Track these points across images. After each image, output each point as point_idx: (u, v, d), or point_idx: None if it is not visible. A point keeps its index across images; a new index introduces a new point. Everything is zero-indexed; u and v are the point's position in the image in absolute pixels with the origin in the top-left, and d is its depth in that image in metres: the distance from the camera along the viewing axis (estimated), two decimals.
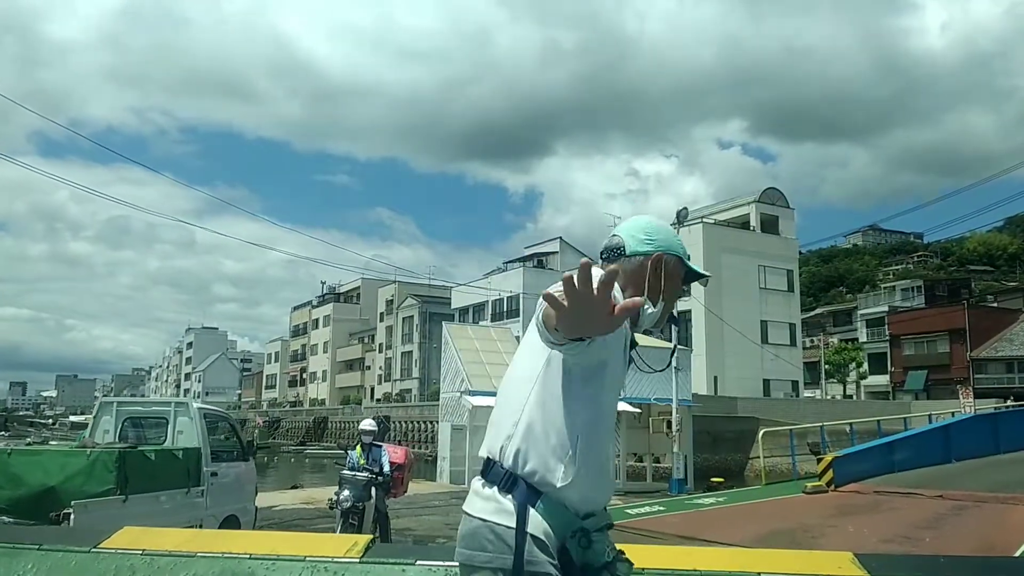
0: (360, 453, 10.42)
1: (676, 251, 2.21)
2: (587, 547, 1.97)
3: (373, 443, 10.56)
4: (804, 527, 12.41)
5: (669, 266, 2.18)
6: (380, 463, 10.23)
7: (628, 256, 2.20)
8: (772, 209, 50.10)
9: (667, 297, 2.17)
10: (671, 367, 21.19)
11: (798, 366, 48.59)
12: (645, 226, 2.25)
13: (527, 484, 1.98)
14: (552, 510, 1.97)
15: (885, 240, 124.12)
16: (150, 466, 7.71)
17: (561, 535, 1.96)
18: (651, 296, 2.15)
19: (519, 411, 2.04)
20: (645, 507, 15.03)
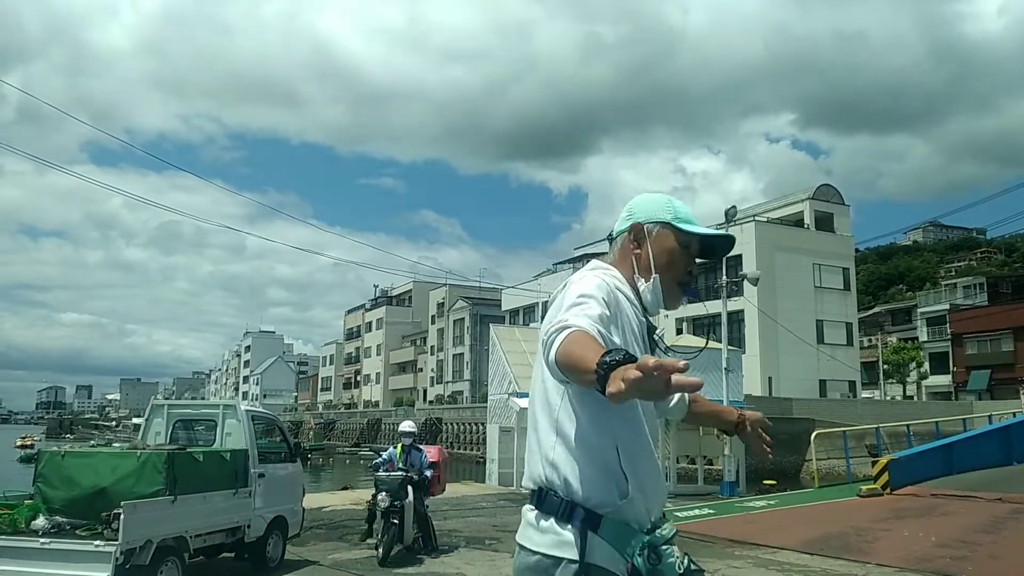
0: (400, 453, 10.46)
1: (659, 218, 2.11)
2: (656, 563, 1.86)
3: (413, 445, 10.60)
4: (857, 531, 12.14)
5: (652, 235, 2.10)
6: (419, 465, 10.26)
7: (614, 239, 2.17)
8: (826, 206, 49.25)
9: (660, 268, 2.08)
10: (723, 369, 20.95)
11: (855, 366, 47.67)
12: (629, 204, 2.20)
13: (585, 510, 1.88)
14: (616, 532, 1.88)
15: (946, 236, 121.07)
16: (198, 467, 7.85)
17: (630, 555, 1.87)
18: (641, 272, 2.08)
19: (552, 434, 1.95)
20: (695, 510, 14.86)
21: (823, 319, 46.02)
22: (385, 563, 9.45)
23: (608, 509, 1.88)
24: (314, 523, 12.63)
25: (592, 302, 1.89)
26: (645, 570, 1.85)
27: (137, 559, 6.90)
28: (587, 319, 1.79)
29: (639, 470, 1.91)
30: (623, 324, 1.99)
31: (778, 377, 42.69)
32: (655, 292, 2.07)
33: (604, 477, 1.89)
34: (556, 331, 1.74)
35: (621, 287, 2.06)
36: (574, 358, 1.64)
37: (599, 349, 1.59)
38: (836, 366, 45.27)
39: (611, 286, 2.00)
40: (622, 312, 2.00)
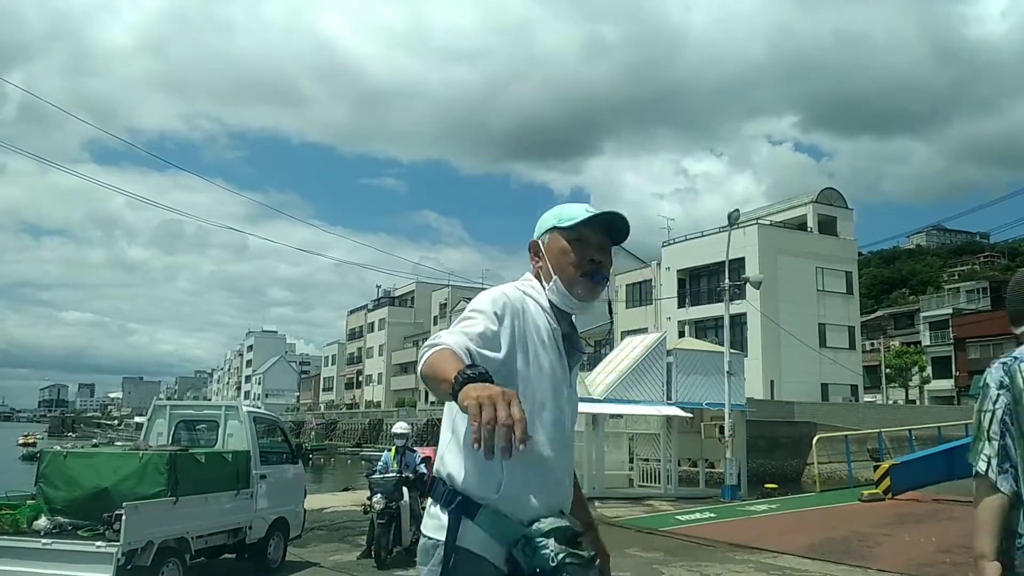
0: (394, 456, 10.47)
1: (548, 227, 2.23)
2: (532, 555, 1.95)
3: (407, 447, 10.60)
4: (859, 535, 12.14)
5: (545, 244, 2.22)
6: (414, 467, 10.27)
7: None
8: (830, 210, 49.12)
9: (558, 269, 2.17)
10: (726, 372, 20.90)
11: (857, 370, 47.58)
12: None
13: (465, 498, 2.01)
14: (492, 521, 1.99)
15: (950, 240, 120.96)
16: (200, 468, 7.86)
17: (505, 545, 1.98)
18: (545, 280, 2.20)
19: (448, 432, 2.11)
20: (696, 513, 14.86)
21: (825, 323, 45.92)
22: (384, 565, 9.45)
23: (486, 500, 1.99)
24: (315, 524, 12.64)
25: (479, 317, 2.02)
26: (522, 560, 1.96)
27: (138, 560, 6.92)
28: (462, 336, 1.93)
29: (522, 469, 1.99)
30: (525, 330, 2.09)
31: (780, 380, 42.64)
32: (557, 292, 2.17)
33: (482, 472, 1.99)
34: (427, 347, 1.90)
35: (532, 295, 2.18)
36: (435, 371, 1.79)
37: (459, 365, 1.74)
38: (838, 370, 45.18)
39: (512, 297, 2.11)
40: (526, 320, 2.10)
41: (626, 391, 20.42)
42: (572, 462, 2.27)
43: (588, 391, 20.48)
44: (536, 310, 2.14)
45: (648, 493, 20.44)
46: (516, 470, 2.00)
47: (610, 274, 2.27)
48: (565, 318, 2.22)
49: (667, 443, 21.01)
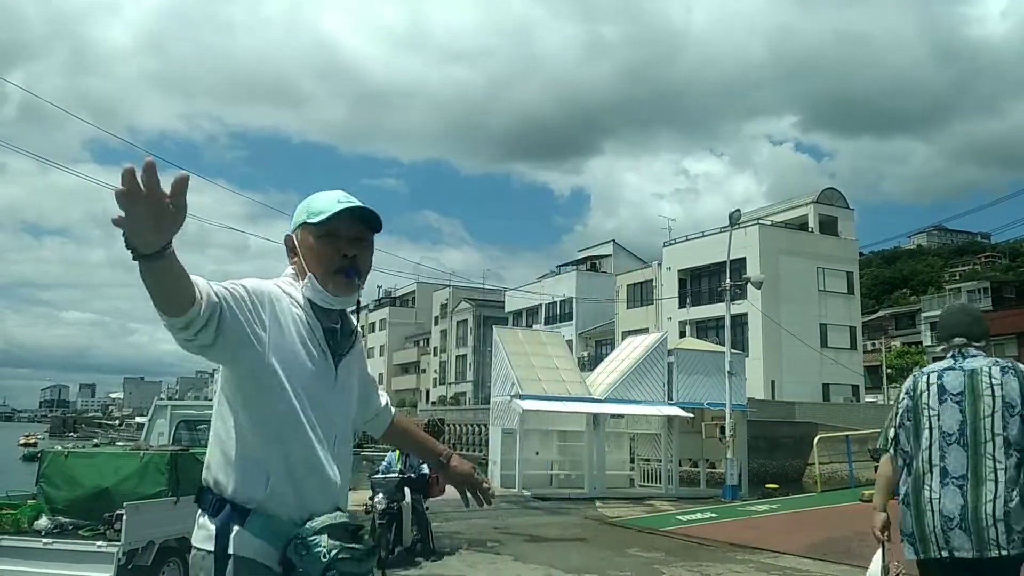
0: (398, 457, 10.48)
1: (299, 223, 2.21)
2: (305, 553, 1.95)
3: None
4: (859, 535, 12.09)
5: (298, 239, 2.20)
6: (417, 468, 10.27)
7: None
8: (831, 210, 49.15)
9: (312, 266, 2.15)
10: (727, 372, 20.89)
11: (858, 370, 47.61)
12: None
13: (232, 505, 1.99)
14: (262, 525, 1.98)
15: (951, 240, 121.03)
16: (200, 468, 7.84)
17: (279, 546, 1.97)
18: (301, 276, 2.18)
19: (212, 437, 2.09)
20: (697, 514, 14.85)
21: (827, 323, 45.96)
22: (384, 565, 9.46)
23: (254, 504, 1.98)
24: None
25: (241, 289, 1.98)
26: (296, 560, 1.95)
27: (139, 560, 6.92)
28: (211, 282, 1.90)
29: (290, 467, 2.01)
30: (282, 325, 2.05)
31: (781, 381, 42.65)
32: (312, 289, 2.14)
33: (249, 474, 1.99)
34: None
35: (290, 292, 2.15)
36: None
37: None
38: (839, 370, 45.21)
39: (266, 288, 2.08)
40: (280, 310, 2.07)
41: (627, 391, 20.42)
42: (349, 458, 2.25)
43: (589, 391, 20.51)
44: (293, 306, 2.11)
45: (649, 493, 20.44)
46: (283, 469, 2.00)
47: (370, 265, 2.25)
48: (329, 314, 2.18)
49: (668, 443, 21.00)
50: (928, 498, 3.42)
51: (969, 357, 3.53)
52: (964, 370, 3.48)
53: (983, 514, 3.29)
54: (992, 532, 3.27)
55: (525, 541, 12.14)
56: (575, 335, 55.90)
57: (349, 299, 2.20)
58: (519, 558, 10.61)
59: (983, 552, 3.29)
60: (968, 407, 3.41)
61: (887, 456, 3.68)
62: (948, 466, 3.39)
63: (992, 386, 3.40)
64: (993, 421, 3.36)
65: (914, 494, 3.50)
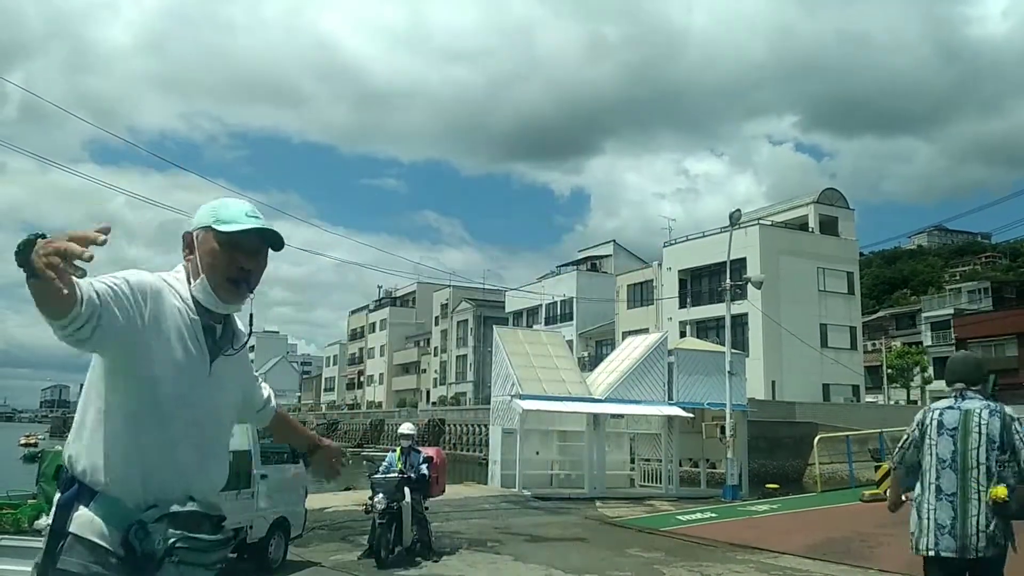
0: (399, 457, 10.49)
1: (203, 223, 2.24)
2: (144, 538, 2.00)
3: (412, 447, 10.62)
4: (860, 536, 12.11)
5: (199, 240, 2.23)
6: (417, 468, 10.29)
7: None
8: (831, 210, 49.15)
9: (206, 269, 2.19)
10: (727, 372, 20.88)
11: (859, 370, 47.59)
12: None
13: (81, 484, 2.05)
14: (106, 507, 2.03)
15: (951, 240, 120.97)
16: None
17: (121, 529, 2.01)
18: (194, 275, 2.22)
19: (76, 414, 2.16)
20: (697, 513, 14.86)
21: (827, 323, 45.94)
22: (384, 565, 9.46)
23: (100, 486, 2.03)
24: (316, 524, 12.65)
25: (121, 282, 2.02)
26: (136, 545, 2.00)
27: None
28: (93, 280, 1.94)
29: (141, 453, 2.05)
30: (159, 316, 2.10)
31: (781, 381, 42.63)
32: (202, 291, 2.19)
33: (99, 457, 2.04)
34: None
35: (175, 286, 2.20)
36: None
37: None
38: (840, 370, 45.18)
39: (148, 281, 2.12)
40: (160, 304, 2.11)
41: (627, 391, 20.43)
42: (221, 451, 2.29)
43: (589, 391, 20.51)
44: (175, 300, 2.16)
45: (649, 493, 20.45)
46: (133, 455, 2.05)
47: (260, 278, 2.29)
48: (212, 313, 2.23)
49: (668, 443, 21.00)
50: (927, 509, 4.38)
51: (967, 399, 4.43)
52: (961, 409, 4.40)
53: (969, 525, 4.21)
54: (974, 540, 4.19)
55: (525, 541, 12.15)
56: (575, 335, 55.88)
57: (235, 306, 2.27)
58: (519, 558, 10.62)
59: (964, 554, 4.21)
60: (960, 440, 4.32)
61: (901, 469, 4.82)
62: (943, 485, 4.32)
63: (980, 424, 4.32)
64: (978, 453, 4.28)
65: (917, 505, 4.49)
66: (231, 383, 2.31)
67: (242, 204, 2.29)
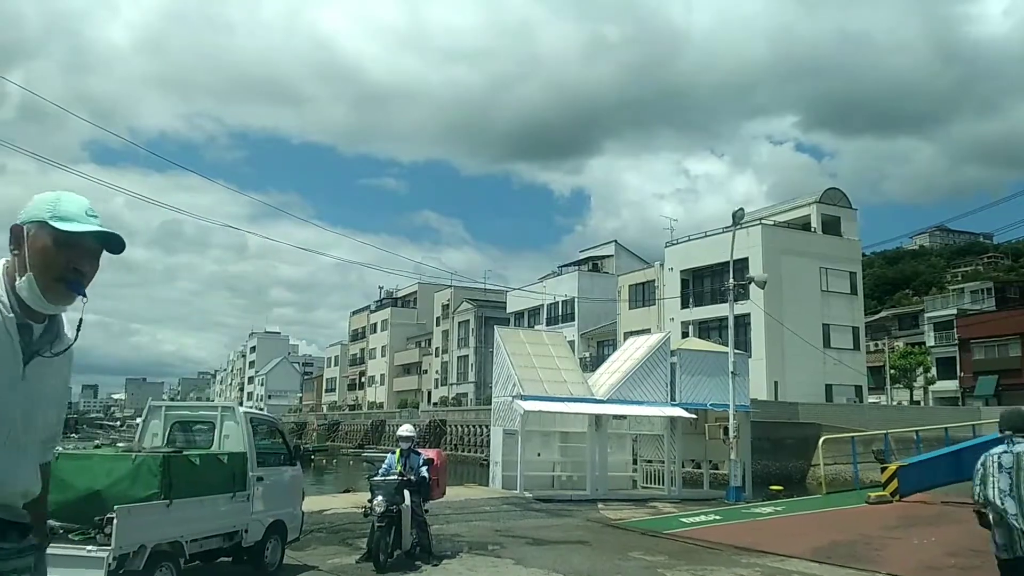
0: (398, 459, 10.32)
1: (38, 217, 2.09)
2: None
3: (412, 449, 10.44)
4: (866, 539, 11.95)
5: (30, 234, 2.07)
6: (417, 470, 10.12)
7: None
8: (833, 209, 48.93)
9: (36, 267, 2.05)
10: (730, 373, 20.69)
11: (861, 371, 47.39)
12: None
13: None
14: None
15: (953, 241, 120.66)
16: (195, 471, 7.70)
17: None
18: (20, 270, 2.07)
19: None
20: (700, 516, 14.69)
21: (829, 323, 45.75)
22: (383, 569, 9.28)
23: None
24: (315, 527, 12.49)
25: None
26: None
27: (131, 564, 6.76)
28: None
29: None
30: None
31: (784, 381, 42.44)
32: (28, 289, 2.05)
33: None
34: None
35: None
36: None
37: None
38: (842, 370, 45.03)
39: None
40: None
41: (629, 392, 20.27)
42: (32, 458, 2.15)
43: (591, 392, 20.35)
44: None
45: (652, 495, 20.28)
46: None
47: (92, 281, 2.14)
48: (33, 312, 2.09)
49: (671, 444, 20.83)
50: (1007, 525, 5.68)
51: (1017, 443, 5.79)
52: (1013, 453, 5.77)
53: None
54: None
55: (527, 544, 11.98)
56: (577, 336, 55.73)
57: (61, 308, 2.14)
58: (520, 561, 10.45)
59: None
60: (1015, 475, 5.69)
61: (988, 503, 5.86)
62: (1008, 509, 5.66)
63: None
64: None
65: (997, 522, 5.79)
66: (50, 387, 2.18)
67: (82, 201, 2.13)
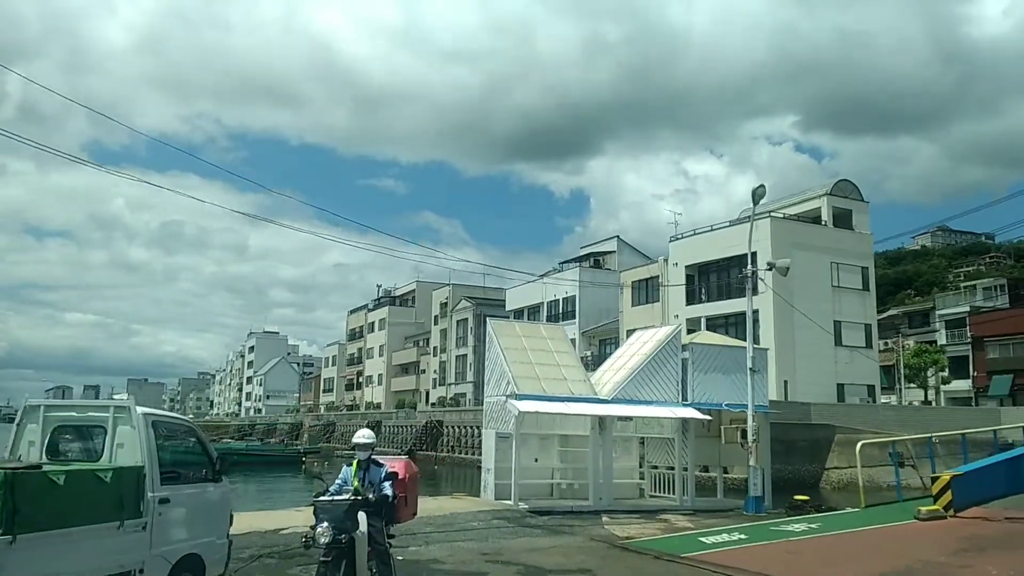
0: (355, 473, 8.18)
1: None
2: None
3: (371, 460, 8.27)
4: (931, 567, 9.85)
5: None
6: (378, 486, 7.96)
7: None
8: (845, 202, 46.82)
9: None
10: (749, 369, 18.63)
11: (874, 369, 45.32)
12: None
13: None
14: None
15: (955, 241, 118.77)
16: (58, 493, 5.60)
17: None
18: None
19: None
20: (723, 534, 12.58)
21: (841, 320, 43.67)
22: None
23: None
24: (265, 549, 10.42)
25: None
26: None
27: None
28: None
29: None
30: None
31: (794, 381, 40.32)
32: None
33: None
34: None
35: None
36: None
37: None
38: (855, 369, 43.11)
39: None
40: None
41: (636, 390, 18.23)
42: None
43: (594, 390, 18.30)
44: None
45: (662, 505, 18.20)
46: None
47: None
48: None
49: (683, 448, 18.76)
50: None
51: None
52: None
53: None
54: None
55: (517, 574, 9.88)
56: (578, 334, 53.80)
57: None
58: None
59: None
60: None
61: None
62: None
63: None
64: None
65: None
66: None
67: None
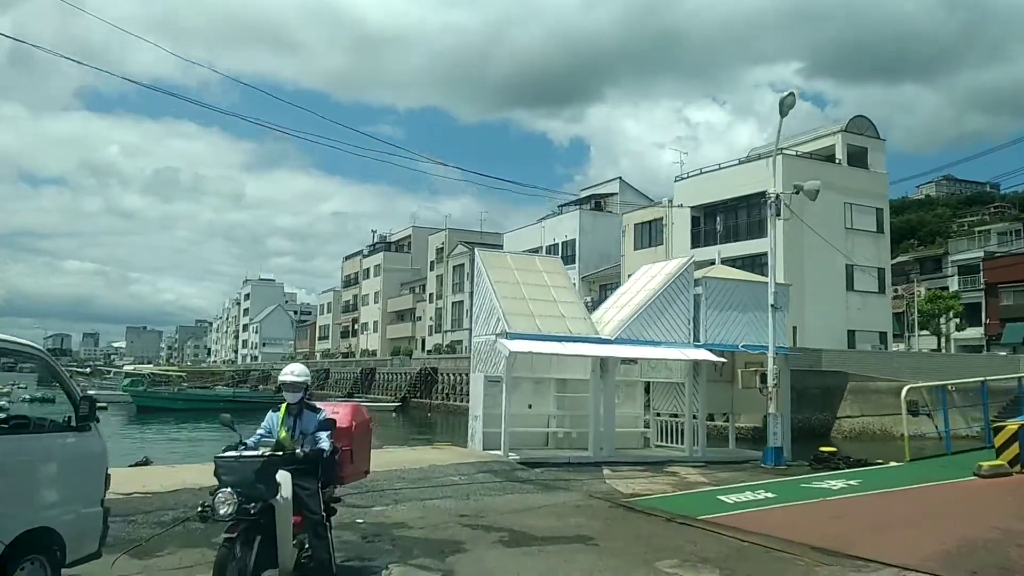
0: (282, 421, 6.23)
1: None
2: None
3: (305, 404, 6.30)
4: (1012, 536, 8.00)
5: None
6: (311, 437, 6.01)
7: None
8: (860, 139, 44.44)
9: None
10: (770, 305, 16.66)
11: (887, 315, 43.46)
12: None
13: None
14: None
15: (959, 190, 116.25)
16: None
17: None
18: None
19: None
20: (747, 493, 10.69)
21: (853, 264, 41.63)
22: None
23: None
24: (195, 510, 8.53)
25: None
26: None
27: None
28: None
29: None
30: None
31: (803, 326, 38.39)
32: None
33: None
34: None
35: None
36: None
37: None
38: (866, 315, 41.33)
39: None
40: None
41: (643, 330, 16.29)
42: None
43: (595, 330, 16.36)
44: None
45: (669, 456, 16.39)
46: None
47: None
48: None
49: (693, 394, 16.89)
50: None
51: None
52: None
53: None
54: None
55: (500, 543, 7.96)
56: (578, 279, 51.93)
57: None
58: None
59: None
60: None
61: None
62: None
63: None
64: None
65: None
66: None
67: None
